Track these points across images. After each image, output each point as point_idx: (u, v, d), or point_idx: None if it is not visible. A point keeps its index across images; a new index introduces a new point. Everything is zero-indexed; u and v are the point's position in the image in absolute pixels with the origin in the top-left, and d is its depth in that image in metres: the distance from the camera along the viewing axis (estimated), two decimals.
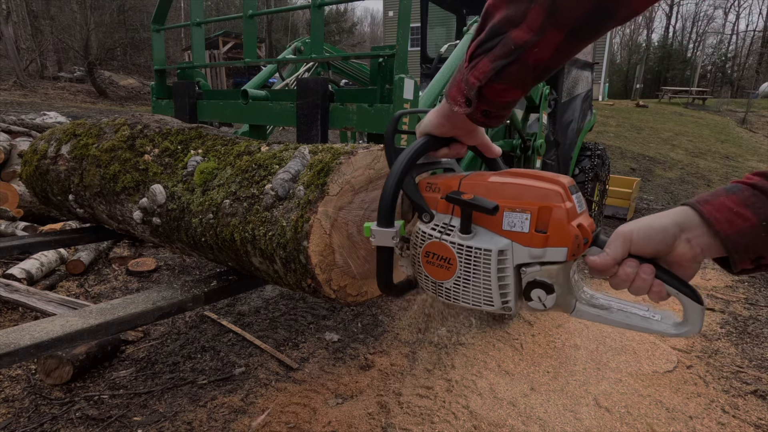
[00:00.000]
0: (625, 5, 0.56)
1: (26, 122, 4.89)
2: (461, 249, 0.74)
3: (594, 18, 0.57)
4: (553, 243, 0.69)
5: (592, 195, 4.45)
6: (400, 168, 0.79)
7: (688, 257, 0.64)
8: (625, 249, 0.66)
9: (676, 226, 0.63)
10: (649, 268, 0.65)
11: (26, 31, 17.60)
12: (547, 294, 0.71)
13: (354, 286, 1.09)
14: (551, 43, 0.60)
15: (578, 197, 0.73)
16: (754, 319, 3.24)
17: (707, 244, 0.62)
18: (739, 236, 0.59)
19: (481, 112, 0.72)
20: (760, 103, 20.83)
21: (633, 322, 0.70)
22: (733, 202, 0.60)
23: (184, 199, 1.26)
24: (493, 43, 0.64)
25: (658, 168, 9.95)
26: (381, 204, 0.80)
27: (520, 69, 0.63)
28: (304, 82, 1.76)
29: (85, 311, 1.05)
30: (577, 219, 0.70)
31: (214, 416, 2.03)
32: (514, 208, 0.70)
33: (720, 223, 0.60)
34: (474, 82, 0.67)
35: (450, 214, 0.77)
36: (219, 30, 19.34)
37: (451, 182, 0.78)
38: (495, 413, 2.14)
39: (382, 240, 0.80)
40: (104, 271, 3.47)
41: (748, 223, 0.58)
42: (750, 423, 2.16)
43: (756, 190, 0.60)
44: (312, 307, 3.11)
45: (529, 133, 3.37)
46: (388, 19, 23.08)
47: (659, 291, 0.65)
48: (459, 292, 0.77)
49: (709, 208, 0.61)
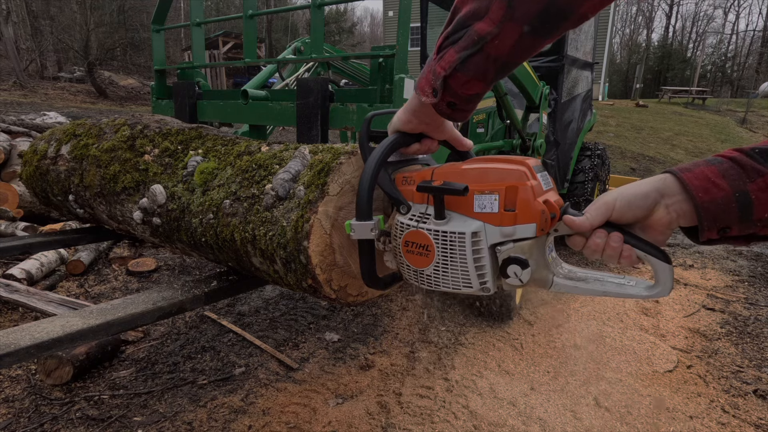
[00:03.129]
0: (578, 7, 0.59)
1: (26, 122, 4.89)
2: (437, 234, 0.77)
3: (548, 16, 0.60)
4: (522, 220, 0.72)
5: (592, 195, 4.44)
6: (373, 164, 0.83)
7: (664, 222, 0.67)
8: (606, 215, 0.69)
9: (657, 192, 0.66)
10: (617, 235, 0.68)
11: (26, 31, 17.60)
12: (522, 269, 0.74)
13: (354, 286, 1.09)
14: (510, 37, 0.63)
15: (544, 176, 0.77)
16: (754, 319, 3.25)
17: (683, 210, 0.65)
18: (712, 204, 0.61)
19: (447, 104, 0.75)
20: (760, 103, 20.83)
21: (608, 288, 0.74)
22: (712, 173, 0.63)
23: (184, 199, 1.26)
24: (459, 35, 0.67)
25: (658, 168, 9.95)
26: (358, 199, 0.84)
27: (482, 60, 0.67)
28: (304, 82, 1.76)
29: (85, 311, 1.05)
30: (543, 195, 0.74)
31: (214, 416, 2.03)
32: (483, 190, 0.74)
33: (697, 189, 0.62)
34: (440, 71, 0.71)
35: (425, 203, 0.81)
36: (219, 30, 19.34)
37: (424, 174, 0.82)
38: (495, 413, 2.14)
39: (361, 233, 0.84)
40: (104, 271, 3.47)
41: (723, 192, 0.61)
42: (750, 423, 2.16)
43: (734, 163, 0.62)
44: (312, 307, 3.11)
45: (529, 133, 3.37)
46: (388, 19, 23.08)
47: (629, 255, 0.68)
48: (439, 277, 0.80)
49: (689, 176, 0.64)
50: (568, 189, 4.41)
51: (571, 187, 4.40)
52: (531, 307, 3.23)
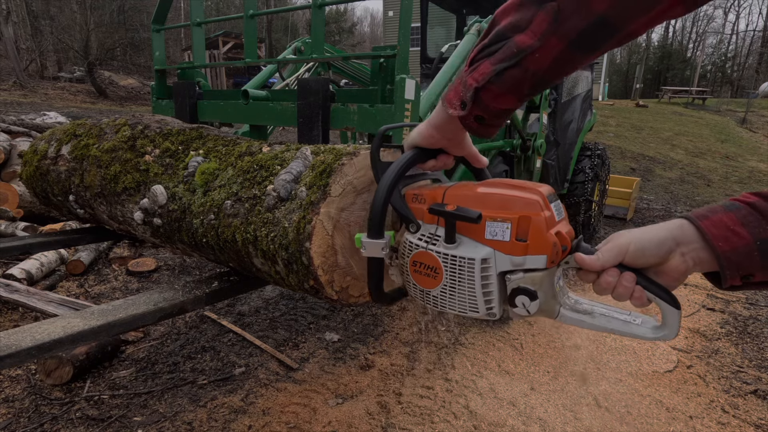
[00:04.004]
0: (628, 24, 0.57)
1: (26, 122, 4.89)
2: (446, 258, 0.76)
3: (595, 32, 0.58)
4: (533, 251, 0.71)
5: (592, 195, 4.44)
6: (389, 181, 0.81)
7: (680, 270, 0.66)
8: (618, 259, 0.68)
9: (673, 240, 0.65)
10: (630, 276, 0.67)
11: (26, 31, 17.59)
12: (530, 300, 0.73)
13: (356, 287, 1.09)
14: (551, 51, 0.61)
15: (557, 205, 0.75)
16: (754, 319, 3.25)
17: (700, 259, 0.64)
18: (733, 253, 0.60)
19: (475, 117, 0.73)
20: (760, 103, 20.83)
21: (614, 326, 0.73)
22: (731, 220, 0.62)
23: (185, 199, 1.26)
24: (496, 47, 0.65)
25: (658, 168, 9.96)
26: (371, 216, 0.82)
27: (519, 73, 0.64)
28: (304, 83, 1.76)
29: (86, 312, 1.05)
30: (556, 227, 0.73)
31: (214, 416, 2.03)
32: (495, 217, 0.73)
33: (717, 239, 0.61)
34: (472, 83, 0.69)
35: (435, 224, 0.79)
36: (219, 30, 19.33)
37: (435, 193, 0.80)
38: (495, 413, 2.14)
39: (372, 251, 0.82)
40: (104, 271, 3.47)
41: (744, 241, 0.60)
42: (750, 423, 2.16)
43: (753, 210, 0.61)
44: (312, 307, 3.11)
45: (529, 133, 3.37)
46: (388, 19, 23.07)
47: (640, 297, 0.67)
48: (446, 300, 0.79)
49: (707, 224, 0.63)
50: (568, 189, 4.41)
51: (571, 187, 4.40)
52: None
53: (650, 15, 0.56)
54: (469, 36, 2.38)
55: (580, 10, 0.57)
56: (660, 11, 0.55)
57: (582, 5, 0.57)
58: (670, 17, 0.57)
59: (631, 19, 0.57)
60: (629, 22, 0.57)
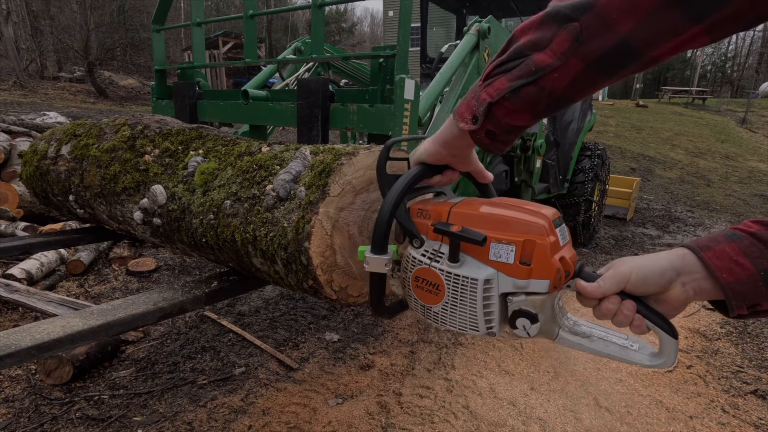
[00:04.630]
0: (650, 50, 0.56)
1: (26, 122, 4.89)
2: (449, 276, 0.77)
3: (617, 54, 0.58)
4: (537, 275, 0.71)
5: (592, 195, 4.44)
6: (395, 197, 0.81)
7: (681, 299, 0.66)
8: (620, 287, 0.68)
9: (674, 270, 0.65)
10: (631, 304, 0.68)
11: (26, 31, 17.59)
12: (531, 323, 0.73)
13: (355, 287, 1.09)
14: (570, 72, 0.61)
15: (561, 230, 0.75)
16: (754, 319, 3.24)
17: (702, 288, 0.64)
18: (739, 284, 0.60)
19: (486, 132, 0.72)
20: (760, 103, 20.83)
21: (611, 351, 0.73)
22: (733, 250, 0.62)
23: (184, 199, 1.26)
24: (514, 63, 0.65)
25: (658, 168, 9.96)
26: (375, 231, 0.82)
27: (536, 91, 0.64)
28: (304, 83, 1.76)
29: (86, 312, 1.05)
30: (560, 252, 0.73)
31: (214, 416, 2.03)
32: (501, 239, 0.73)
33: (721, 270, 0.61)
34: (485, 98, 0.68)
35: (440, 241, 0.79)
36: (219, 30, 19.34)
37: (440, 210, 0.80)
38: (495, 413, 2.14)
39: (375, 266, 0.82)
40: (104, 271, 3.47)
41: (747, 272, 0.60)
42: (750, 423, 2.16)
43: (755, 240, 0.61)
44: (312, 307, 3.11)
45: (529, 133, 3.37)
46: (388, 19, 23.07)
47: (639, 325, 0.68)
48: (446, 317, 0.79)
49: (710, 255, 0.63)
50: (568, 189, 4.41)
51: (571, 187, 4.40)
52: None
53: (674, 41, 0.55)
54: (469, 36, 2.38)
55: (603, 32, 0.57)
56: (684, 39, 0.54)
57: (606, 27, 0.56)
58: (694, 46, 0.56)
59: (653, 45, 0.56)
60: (652, 47, 0.56)
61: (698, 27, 0.52)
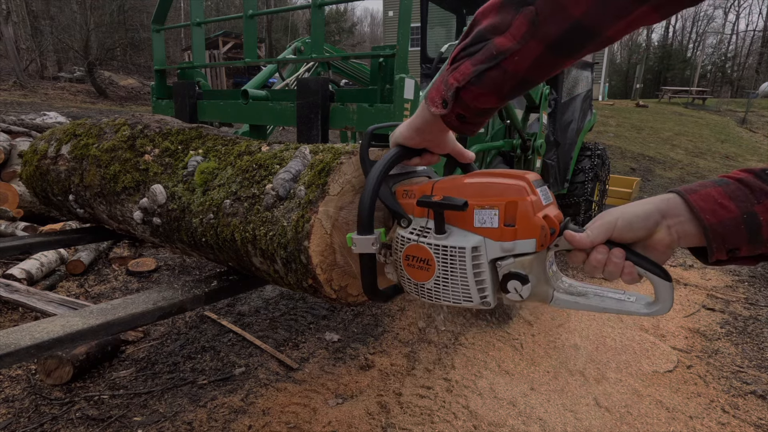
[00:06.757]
0: (604, 30, 0.58)
1: (26, 122, 4.89)
2: (437, 249, 0.78)
3: (573, 36, 0.59)
4: (522, 235, 0.72)
5: (592, 195, 4.44)
6: (375, 178, 0.83)
7: (665, 243, 0.66)
8: (607, 234, 0.69)
9: (659, 213, 0.66)
10: (620, 251, 0.68)
11: (26, 31, 17.59)
12: (522, 285, 0.74)
13: (355, 286, 1.09)
14: (530, 54, 0.62)
15: (543, 190, 0.76)
16: (754, 319, 3.25)
17: (686, 232, 0.64)
18: (720, 226, 0.61)
19: (456, 116, 0.73)
20: (760, 103, 20.83)
21: (608, 305, 0.73)
22: (719, 194, 0.62)
23: (184, 199, 1.26)
24: (476, 48, 0.66)
25: (658, 168, 9.96)
26: (359, 213, 0.83)
27: (498, 75, 0.65)
28: (304, 82, 1.76)
29: (85, 311, 1.05)
30: (543, 210, 0.73)
31: (214, 416, 2.03)
32: (483, 205, 0.74)
33: (704, 211, 0.62)
34: (453, 83, 0.69)
35: (426, 217, 0.80)
36: (219, 30, 19.34)
37: (424, 188, 0.82)
38: (495, 413, 2.14)
39: (362, 247, 0.83)
40: (104, 271, 3.47)
41: (731, 214, 0.61)
42: (750, 423, 2.16)
43: (741, 185, 0.62)
44: (312, 307, 3.11)
45: (529, 133, 3.37)
46: (388, 19, 23.08)
47: (630, 272, 0.68)
48: (439, 291, 0.80)
49: (695, 197, 0.63)
50: (568, 189, 4.41)
51: (571, 187, 4.40)
52: (531, 307, 3.23)
53: (626, 20, 0.56)
54: None
55: (556, 15, 0.58)
56: (634, 18, 0.55)
57: (558, 10, 0.57)
58: (646, 23, 0.57)
59: (606, 25, 0.57)
60: (605, 27, 0.57)
61: (645, 6, 0.54)
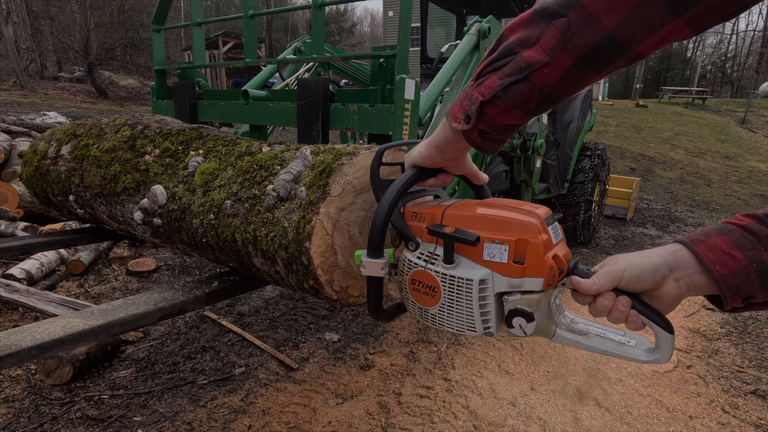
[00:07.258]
0: (636, 43, 0.57)
1: (26, 122, 4.89)
2: (445, 278, 0.77)
3: (604, 49, 0.58)
4: (531, 273, 0.72)
5: (592, 195, 4.44)
6: (389, 201, 0.82)
7: (674, 295, 0.66)
8: (614, 284, 0.69)
9: (667, 266, 0.66)
10: (626, 300, 0.68)
11: (26, 31, 17.58)
12: (527, 322, 0.74)
13: (356, 287, 1.09)
14: (560, 67, 0.61)
15: (554, 228, 0.76)
16: (754, 319, 3.25)
17: (696, 284, 0.64)
18: (731, 276, 0.61)
19: (479, 132, 0.73)
20: (760, 103, 20.83)
21: (609, 347, 0.74)
22: (726, 243, 0.62)
23: (185, 199, 1.26)
24: (504, 61, 0.65)
25: (658, 168, 9.96)
26: (371, 235, 0.83)
27: (526, 88, 0.64)
28: (304, 83, 1.76)
29: (86, 312, 1.05)
30: (553, 250, 0.73)
31: (214, 416, 2.03)
32: (494, 239, 0.73)
33: (713, 263, 0.62)
34: (477, 97, 0.68)
35: (434, 243, 0.80)
36: (219, 30, 19.33)
37: (435, 212, 0.81)
38: (495, 413, 2.14)
39: (372, 270, 0.83)
40: (104, 271, 3.47)
41: (740, 264, 0.61)
42: (750, 423, 2.16)
43: (746, 232, 0.62)
44: (312, 308, 3.11)
45: (529, 133, 3.37)
46: (388, 19, 23.07)
47: (635, 321, 0.68)
48: (444, 318, 0.80)
49: (702, 248, 0.63)
50: (568, 189, 4.41)
51: (571, 187, 4.40)
52: None
53: (659, 34, 0.56)
54: (469, 36, 2.38)
55: (589, 26, 0.57)
56: (667, 32, 0.55)
57: (591, 21, 0.57)
58: (678, 39, 0.56)
59: (638, 38, 0.56)
60: (636, 41, 0.57)
61: (680, 19, 0.53)
